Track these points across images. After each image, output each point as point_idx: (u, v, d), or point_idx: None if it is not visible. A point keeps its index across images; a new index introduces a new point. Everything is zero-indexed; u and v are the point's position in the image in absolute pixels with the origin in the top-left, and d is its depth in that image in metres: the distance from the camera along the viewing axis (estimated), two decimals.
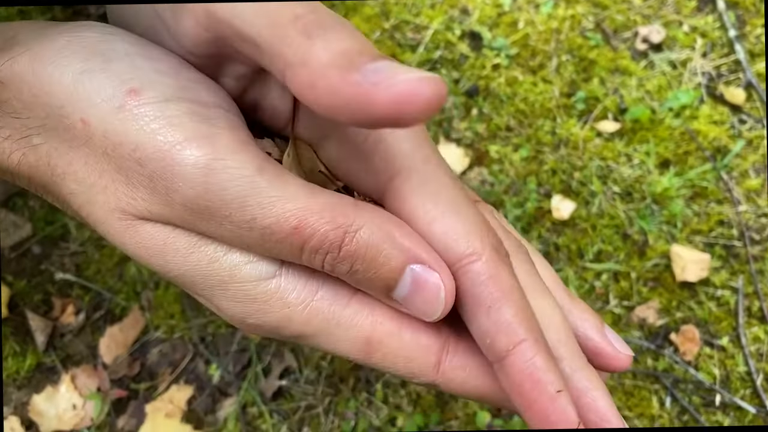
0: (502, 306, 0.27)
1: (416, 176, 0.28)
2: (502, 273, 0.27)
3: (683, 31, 1.03)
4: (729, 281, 0.82)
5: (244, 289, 0.28)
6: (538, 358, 0.26)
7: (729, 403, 0.75)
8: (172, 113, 0.26)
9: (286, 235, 0.26)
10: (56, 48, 0.27)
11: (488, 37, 1.00)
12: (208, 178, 0.25)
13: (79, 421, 0.73)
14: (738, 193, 0.88)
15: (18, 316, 0.77)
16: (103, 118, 0.26)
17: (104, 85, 0.26)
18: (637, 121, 0.93)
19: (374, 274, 0.27)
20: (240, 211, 0.25)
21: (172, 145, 0.25)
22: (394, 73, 0.22)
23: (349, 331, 0.28)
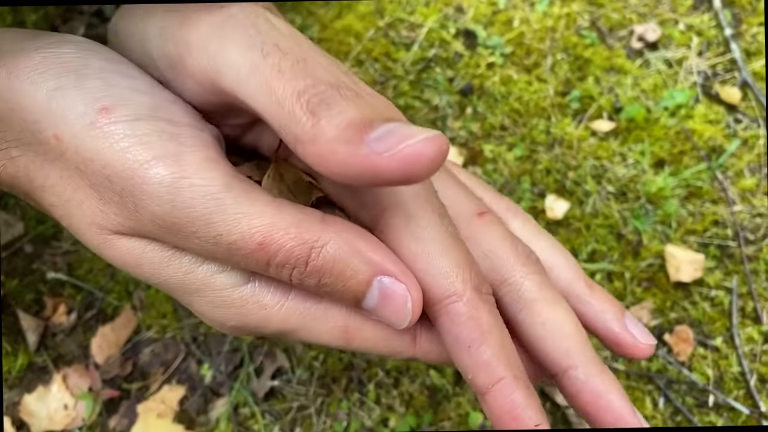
0: (481, 345, 0.28)
1: (403, 213, 0.29)
2: (482, 313, 0.28)
3: (679, 29, 1.02)
4: (723, 281, 0.82)
5: (221, 296, 0.29)
6: (516, 394, 0.28)
7: (722, 403, 0.75)
8: (141, 132, 0.26)
9: (252, 251, 0.26)
10: (32, 64, 0.27)
11: (483, 35, 0.99)
12: (174, 196, 0.26)
13: (71, 421, 0.73)
14: (733, 192, 0.88)
15: (9, 315, 0.77)
16: (75, 134, 0.26)
17: (77, 102, 0.26)
18: (632, 121, 0.93)
19: (342, 287, 0.28)
20: (206, 228, 0.26)
21: (140, 164, 0.26)
22: (398, 139, 0.23)
23: (327, 324, 0.30)
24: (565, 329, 0.32)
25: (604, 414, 0.31)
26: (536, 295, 0.32)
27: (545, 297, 0.33)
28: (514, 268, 0.33)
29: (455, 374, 0.76)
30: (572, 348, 0.32)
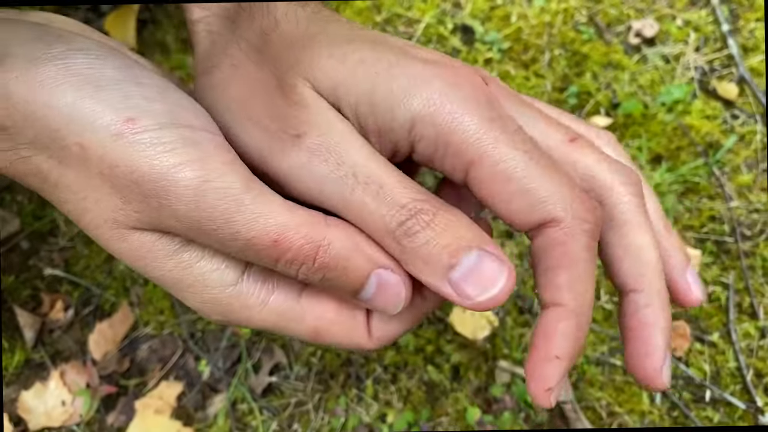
0: (559, 269, 0.31)
1: (488, 161, 0.31)
2: (575, 244, 0.31)
3: (676, 25, 1.02)
4: (720, 277, 0.82)
5: (211, 293, 0.32)
6: (562, 324, 0.31)
7: (719, 398, 0.76)
8: (167, 140, 0.28)
9: (266, 247, 0.29)
10: (49, 76, 0.29)
11: (480, 31, 0.99)
12: (199, 197, 0.28)
13: (68, 417, 0.73)
14: (730, 188, 0.88)
15: (6, 311, 0.76)
16: (100, 143, 0.29)
17: (100, 113, 0.29)
18: (629, 116, 0.93)
19: (344, 281, 0.31)
20: (226, 226, 0.29)
21: (168, 169, 0.28)
22: (477, 287, 0.30)
23: (301, 324, 0.33)
24: (644, 257, 0.34)
25: (638, 345, 0.34)
26: (628, 217, 0.34)
27: (636, 221, 0.34)
28: (612, 188, 0.34)
29: (453, 370, 0.76)
30: (646, 275, 0.34)
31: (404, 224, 0.30)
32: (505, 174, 0.31)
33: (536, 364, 0.32)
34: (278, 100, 0.32)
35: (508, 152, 0.31)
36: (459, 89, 0.31)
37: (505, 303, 0.79)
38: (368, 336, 0.35)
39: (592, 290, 0.32)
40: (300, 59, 0.33)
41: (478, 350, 0.77)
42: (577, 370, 0.77)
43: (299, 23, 0.35)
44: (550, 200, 0.31)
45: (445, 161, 0.32)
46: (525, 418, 0.74)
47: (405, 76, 0.32)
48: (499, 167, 0.31)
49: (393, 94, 0.31)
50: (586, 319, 0.32)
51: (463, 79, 0.32)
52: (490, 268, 0.30)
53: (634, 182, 0.35)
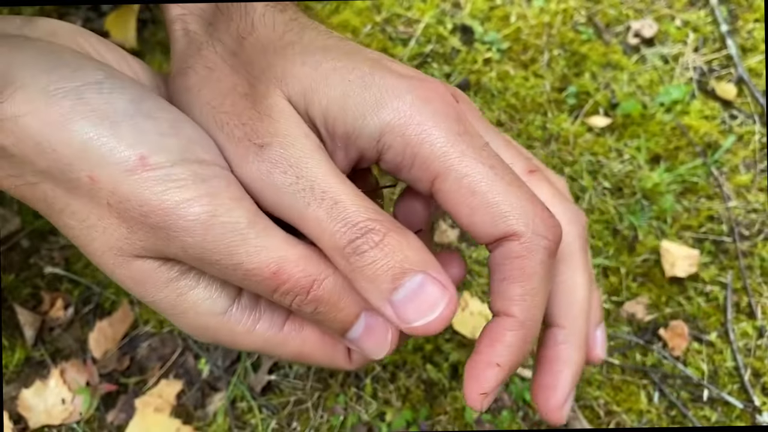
0: (513, 283, 0.32)
1: (454, 174, 0.32)
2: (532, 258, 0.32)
3: (675, 25, 1.03)
4: (718, 277, 0.83)
5: (202, 320, 0.34)
6: (509, 334, 0.32)
7: (717, 398, 0.76)
8: (177, 177, 0.30)
9: (265, 278, 0.31)
10: (64, 113, 0.30)
11: (480, 31, 0.99)
12: (206, 231, 0.30)
13: (68, 415, 0.73)
14: (728, 188, 0.88)
15: (6, 310, 0.77)
16: (113, 178, 0.30)
17: (114, 150, 0.29)
18: (628, 116, 0.93)
19: (334, 317, 0.32)
20: (230, 257, 0.30)
21: (178, 204, 0.30)
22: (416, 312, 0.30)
23: (285, 348, 0.35)
24: (576, 295, 0.35)
25: (547, 377, 0.35)
26: (570, 255, 0.35)
27: (577, 260, 0.35)
28: (561, 224, 0.35)
29: (451, 369, 0.76)
30: (572, 313, 0.35)
31: (354, 242, 0.30)
32: (470, 187, 0.32)
33: (476, 367, 0.33)
34: (248, 107, 0.33)
35: (474, 166, 0.32)
36: (429, 103, 0.32)
37: None
38: (348, 360, 0.36)
39: (543, 306, 0.33)
40: (273, 64, 0.34)
41: None
42: None
43: (276, 28, 0.36)
44: (512, 215, 0.32)
45: (412, 171, 0.33)
46: (523, 416, 0.74)
47: (378, 86, 0.32)
48: (464, 180, 0.32)
49: (365, 102, 0.32)
50: (532, 333, 0.33)
51: (434, 93, 0.33)
52: (431, 293, 0.30)
53: (581, 224, 0.36)
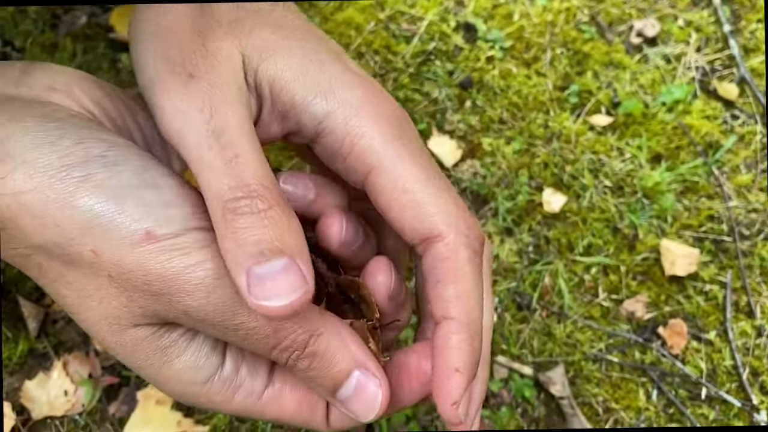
0: (448, 285, 0.33)
1: (389, 172, 0.33)
2: (459, 257, 0.33)
3: (678, 25, 1.03)
4: (717, 276, 0.83)
5: (182, 387, 0.34)
6: (454, 337, 0.32)
7: (715, 396, 0.76)
8: (181, 246, 0.30)
9: (265, 336, 0.31)
10: (67, 189, 0.30)
11: (483, 29, 1.00)
12: (209, 293, 0.30)
13: (71, 407, 0.73)
14: (729, 188, 0.89)
15: (10, 302, 0.77)
16: (117, 252, 0.30)
17: (120, 225, 0.30)
18: (629, 115, 0.93)
19: (326, 373, 0.33)
20: (233, 317, 0.31)
21: (182, 269, 0.30)
22: (265, 291, 0.29)
23: (263, 415, 0.36)
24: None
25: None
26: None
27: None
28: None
29: None
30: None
31: (238, 201, 0.30)
32: (403, 186, 0.33)
33: (439, 380, 0.33)
34: (198, 42, 0.33)
35: (409, 167, 0.33)
36: (377, 102, 0.34)
37: (504, 299, 0.80)
38: (326, 423, 0.36)
39: (481, 303, 0.33)
40: (243, 20, 0.34)
41: None
42: (575, 366, 0.77)
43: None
44: (437, 215, 0.33)
45: (348, 161, 0.34)
46: (522, 413, 0.75)
47: (334, 74, 0.34)
48: (399, 179, 0.33)
49: (319, 83, 0.33)
50: (478, 329, 0.33)
51: (383, 98, 0.34)
52: (291, 280, 0.30)
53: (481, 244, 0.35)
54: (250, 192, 0.30)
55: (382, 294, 0.35)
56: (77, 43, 0.94)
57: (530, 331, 0.79)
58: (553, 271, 0.82)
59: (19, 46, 0.92)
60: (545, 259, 0.83)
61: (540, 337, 0.79)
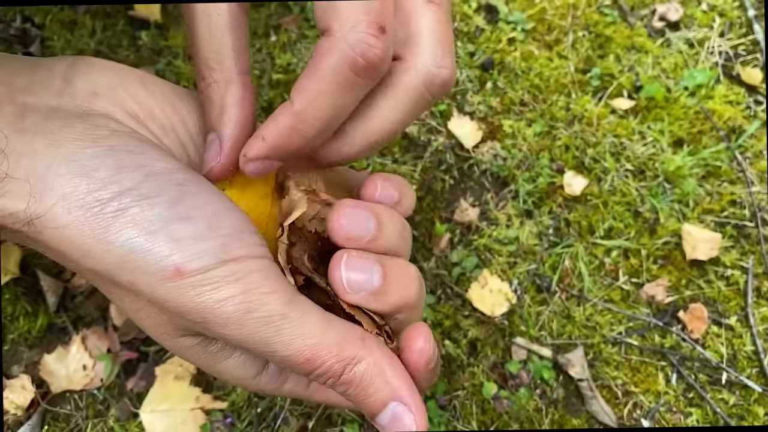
0: (305, 76, 0.33)
1: None
2: (329, 59, 0.32)
3: (701, 9, 1.02)
4: (739, 261, 0.82)
5: (234, 380, 0.38)
6: (280, 116, 0.34)
7: (735, 381, 0.76)
8: (211, 281, 0.31)
9: (299, 363, 0.32)
10: (102, 225, 0.31)
11: (504, 10, 0.99)
12: (241, 325, 0.32)
13: (89, 381, 0.74)
14: (751, 173, 0.88)
15: (30, 276, 0.77)
16: (150, 285, 0.31)
17: (151, 261, 0.31)
18: (651, 99, 0.93)
19: (363, 401, 0.34)
20: (266, 347, 0.32)
21: (212, 305, 0.31)
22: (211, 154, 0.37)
23: (312, 399, 0.39)
24: (376, 127, 0.35)
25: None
26: (402, 92, 0.35)
27: (405, 101, 0.34)
28: (417, 58, 0.35)
29: (470, 345, 0.76)
30: (356, 132, 0.35)
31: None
32: None
33: (246, 136, 0.36)
34: None
35: None
36: None
37: (523, 281, 0.79)
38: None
39: (326, 109, 0.33)
40: None
41: (496, 326, 0.77)
42: (594, 349, 0.77)
43: None
44: (339, 12, 0.31)
45: None
46: (541, 394, 0.74)
47: None
48: None
49: None
50: (304, 126, 0.33)
51: None
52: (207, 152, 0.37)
53: (438, 78, 0.35)
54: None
55: (421, 362, 0.35)
56: (96, 20, 0.93)
57: (550, 313, 0.79)
58: (574, 254, 0.82)
59: (38, 22, 0.92)
60: (565, 242, 0.82)
61: (559, 319, 0.78)
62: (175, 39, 0.93)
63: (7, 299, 0.76)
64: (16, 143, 0.31)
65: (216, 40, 0.36)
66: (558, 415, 0.73)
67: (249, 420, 0.71)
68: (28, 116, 0.32)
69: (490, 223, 0.84)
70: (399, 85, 0.34)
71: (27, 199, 0.31)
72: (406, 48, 0.34)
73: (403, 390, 0.34)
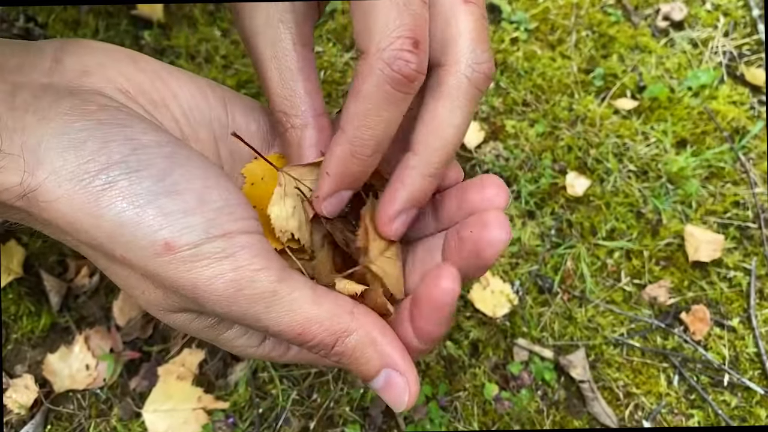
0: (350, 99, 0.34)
1: None
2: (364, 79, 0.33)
3: (706, 9, 1.01)
4: (742, 262, 0.82)
5: (238, 350, 0.38)
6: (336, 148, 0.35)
7: (737, 383, 0.76)
8: (203, 255, 0.32)
9: (292, 337, 0.34)
10: (90, 198, 0.31)
11: (507, 10, 0.99)
12: (232, 302, 0.32)
13: (92, 381, 0.74)
14: (755, 174, 0.88)
15: (33, 276, 0.78)
16: (141, 259, 0.32)
17: (140, 236, 0.31)
18: (655, 100, 0.92)
19: (356, 368, 0.35)
20: (258, 322, 0.33)
21: (203, 282, 0.32)
22: None
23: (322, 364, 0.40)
24: (442, 132, 0.35)
25: (386, 191, 0.37)
26: (453, 93, 0.35)
27: (452, 102, 0.35)
28: (458, 61, 0.35)
29: (471, 346, 0.76)
30: (430, 144, 0.35)
31: None
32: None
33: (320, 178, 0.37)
34: None
35: None
36: None
37: (525, 282, 0.79)
38: None
39: (379, 129, 0.33)
40: None
41: (497, 327, 0.77)
42: (596, 350, 0.77)
43: None
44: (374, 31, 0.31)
45: None
46: (542, 395, 0.74)
47: None
48: None
49: None
50: (360, 150, 0.34)
51: None
52: None
53: (482, 72, 0.35)
54: None
55: (446, 300, 0.34)
56: (99, 20, 0.93)
57: (551, 314, 0.79)
58: (576, 255, 0.82)
59: (41, 21, 0.92)
60: (567, 243, 0.82)
61: (561, 320, 0.78)
62: (178, 39, 0.93)
63: (11, 299, 0.76)
64: (8, 120, 0.31)
65: (287, 85, 0.37)
66: (559, 416, 0.73)
67: (251, 420, 0.72)
68: (19, 94, 0.32)
69: None
70: (448, 91, 0.35)
71: (21, 174, 0.31)
72: (447, 52, 0.35)
73: (395, 356, 0.35)
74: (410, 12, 0.31)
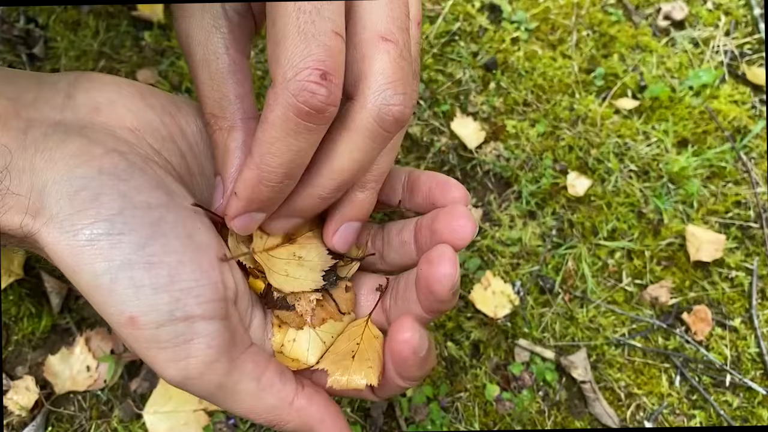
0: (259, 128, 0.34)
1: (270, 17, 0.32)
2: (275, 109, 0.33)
3: (707, 8, 1.01)
4: (744, 262, 0.82)
5: None
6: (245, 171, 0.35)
7: (739, 383, 0.75)
8: (161, 338, 0.33)
9: (239, 415, 0.37)
10: (75, 253, 0.32)
11: (508, 10, 0.98)
12: (184, 387, 0.35)
13: (93, 382, 0.74)
14: (756, 174, 0.87)
15: (33, 277, 0.78)
16: (111, 322, 0.33)
17: (110, 305, 0.33)
18: (656, 99, 0.92)
19: None
20: (216, 402, 0.36)
21: (160, 363, 0.34)
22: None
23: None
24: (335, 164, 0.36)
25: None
26: (356, 128, 0.34)
27: (357, 136, 0.34)
28: (366, 99, 0.34)
29: (472, 347, 0.76)
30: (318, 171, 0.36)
31: None
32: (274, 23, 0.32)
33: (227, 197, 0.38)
34: None
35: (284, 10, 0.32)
36: None
37: (526, 282, 0.79)
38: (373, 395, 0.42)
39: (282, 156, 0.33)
40: None
41: (498, 328, 0.77)
42: (597, 351, 0.77)
43: None
44: (283, 60, 0.31)
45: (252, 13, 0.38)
46: (544, 396, 0.74)
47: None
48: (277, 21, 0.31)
49: None
50: (267, 177, 0.34)
51: None
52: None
53: (390, 114, 0.34)
54: None
55: (406, 352, 0.36)
56: (100, 21, 0.93)
57: (552, 314, 0.79)
58: (577, 255, 0.82)
59: (42, 23, 0.92)
60: (569, 243, 0.82)
61: (562, 321, 0.78)
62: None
63: (11, 300, 0.76)
64: (19, 159, 0.32)
65: (217, 87, 0.37)
66: (560, 417, 0.73)
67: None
68: (30, 132, 0.33)
69: (493, 224, 0.83)
70: (353, 126, 0.34)
71: (23, 216, 0.32)
72: (357, 88, 0.34)
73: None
74: (319, 43, 0.31)
